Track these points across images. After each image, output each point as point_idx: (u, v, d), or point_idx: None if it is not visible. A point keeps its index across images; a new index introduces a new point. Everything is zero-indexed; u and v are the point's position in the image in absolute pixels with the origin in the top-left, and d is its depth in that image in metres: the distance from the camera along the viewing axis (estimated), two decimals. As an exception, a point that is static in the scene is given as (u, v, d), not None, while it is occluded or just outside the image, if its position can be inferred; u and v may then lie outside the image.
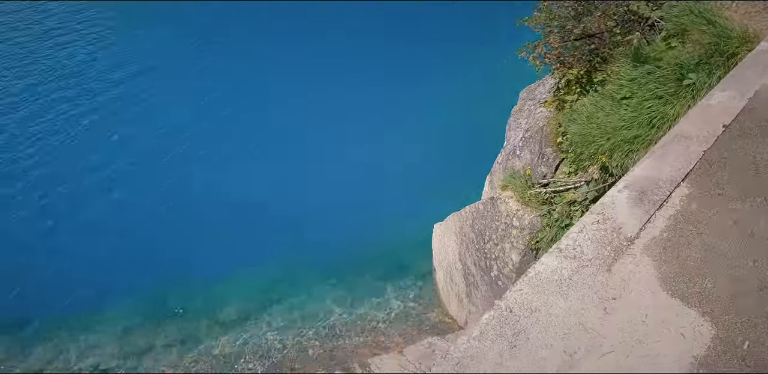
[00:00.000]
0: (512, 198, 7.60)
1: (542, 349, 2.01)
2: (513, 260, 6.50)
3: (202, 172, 13.07)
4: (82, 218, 12.07)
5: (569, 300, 2.22)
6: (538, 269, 2.52)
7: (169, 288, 10.64)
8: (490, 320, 2.26)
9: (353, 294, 10.08)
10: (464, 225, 8.56)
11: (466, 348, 2.13)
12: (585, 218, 2.84)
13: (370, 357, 7.57)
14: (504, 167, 9.06)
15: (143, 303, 10.46)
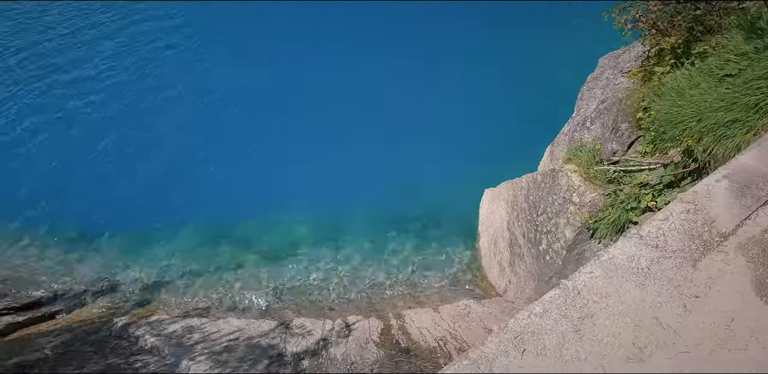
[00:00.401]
0: (575, 173, 7.21)
1: (609, 337, 1.95)
2: (566, 237, 6.31)
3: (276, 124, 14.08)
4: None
5: (645, 291, 2.11)
6: (613, 253, 2.39)
7: (232, 221, 11.85)
8: (555, 299, 2.20)
9: (397, 249, 10.40)
10: (518, 194, 8.32)
11: (526, 323, 2.11)
12: (673, 206, 2.62)
13: (406, 309, 7.88)
14: (570, 138, 8.54)
15: (206, 229, 11.73)
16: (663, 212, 2.61)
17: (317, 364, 6.61)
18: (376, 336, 7.09)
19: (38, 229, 12.03)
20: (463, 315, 7.20)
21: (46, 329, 9.19)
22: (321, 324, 8.05)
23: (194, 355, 7.50)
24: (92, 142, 14.01)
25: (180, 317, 9.22)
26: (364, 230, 11.02)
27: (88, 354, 7.91)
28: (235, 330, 8.43)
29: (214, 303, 9.83)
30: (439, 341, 6.53)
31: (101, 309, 9.99)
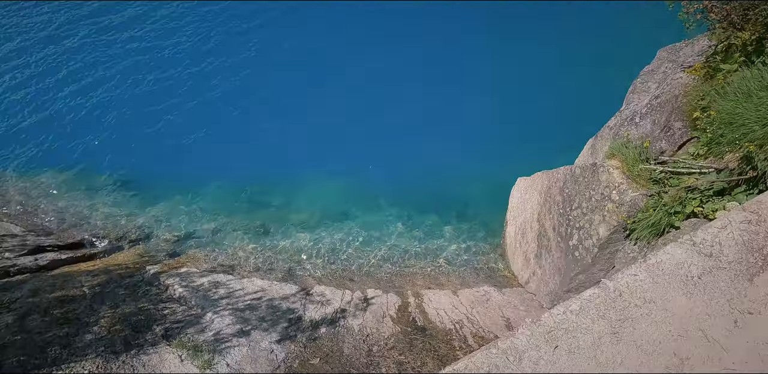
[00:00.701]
0: (618, 169, 6.94)
1: (649, 345, 1.90)
2: (599, 235, 6.14)
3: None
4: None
5: (693, 300, 2.03)
6: (661, 258, 2.30)
7: (267, 186, 12.31)
8: (594, 298, 2.16)
9: (423, 229, 10.47)
10: (552, 186, 8.10)
11: (561, 319, 2.08)
12: (733, 215, 2.47)
13: (425, 289, 7.97)
14: (615, 133, 8.18)
15: (241, 190, 12.23)
16: (721, 220, 2.48)
17: (334, 332, 6.83)
18: (393, 311, 7.23)
19: (88, 176, 12.82)
20: (481, 301, 7.23)
21: (85, 268, 9.79)
22: (340, 294, 8.26)
23: (219, 309, 7.87)
24: (149, 101, 14.67)
25: (207, 271, 9.63)
26: (392, 208, 11.15)
27: (121, 296, 8.40)
28: (258, 289, 8.76)
29: (240, 261, 10.22)
30: (456, 324, 6.61)
31: (136, 256, 10.57)
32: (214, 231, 11.24)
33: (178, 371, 6.04)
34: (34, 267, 9.46)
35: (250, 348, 6.54)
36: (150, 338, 7.01)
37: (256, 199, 11.96)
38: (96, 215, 11.74)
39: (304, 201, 11.71)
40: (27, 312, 7.37)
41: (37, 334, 6.80)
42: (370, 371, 5.66)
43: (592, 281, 6.17)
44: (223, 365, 6.13)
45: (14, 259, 9.67)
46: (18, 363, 5.97)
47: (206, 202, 12.00)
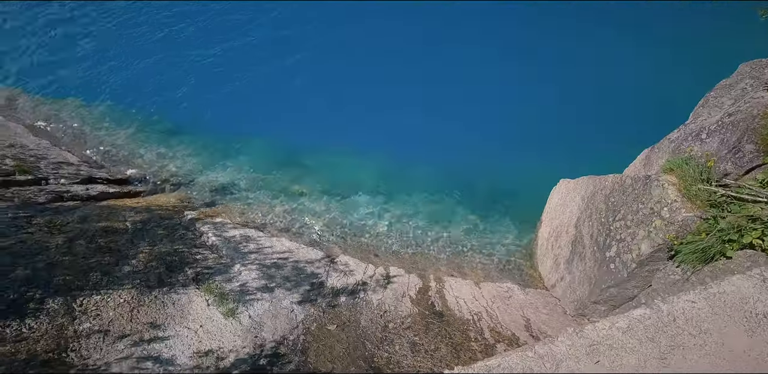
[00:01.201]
0: (673, 186, 6.62)
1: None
2: (640, 251, 5.94)
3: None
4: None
5: (754, 340, 1.95)
6: (725, 288, 2.21)
7: (309, 150, 12.60)
8: (644, 318, 2.11)
9: (456, 216, 10.44)
10: (598, 193, 7.84)
11: (606, 335, 2.05)
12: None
13: (448, 275, 8.02)
14: (676, 147, 7.76)
15: (283, 151, 12.59)
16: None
17: (353, 303, 7.02)
18: (413, 292, 7.34)
19: (144, 120, 13.49)
20: (503, 298, 7.22)
21: (129, 204, 10.33)
22: (364, 266, 8.42)
23: (247, 262, 8.20)
24: (218, 63, 15.23)
25: (240, 225, 9.99)
26: (427, 191, 11.14)
27: (159, 235, 8.86)
28: (285, 250, 9.05)
29: (272, 220, 10.54)
30: (474, 315, 6.66)
31: (176, 200, 11.06)
32: (252, 188, 11.60)
33: (204, 314, 6.40)
34: (85, 196, 10.08)
35: (272, 305, 6.83)
36: (182, 279, 7.42)
37: (297, 163, 12.22)
38: (145, 156, 12.32)
39: (341, 172, 11.86)
40: (75, 237, 7.89)
41: (83, 258, 7.30)
42: (384, 346, 5.83)
43: (624, 296, 6.03)
44: (246, 316, 6.44)
45: (68, 186, 10.33)
46: (63, 282, 6.46)
47: (249, 159, 12.36)
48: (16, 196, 8.98)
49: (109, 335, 5.58)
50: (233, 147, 12.58)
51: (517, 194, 11.05)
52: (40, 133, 12.97)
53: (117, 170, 11.92)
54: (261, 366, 5.36)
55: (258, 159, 12.31)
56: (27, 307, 5.61)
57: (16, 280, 6.11)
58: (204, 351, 5.52)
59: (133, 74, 14.93)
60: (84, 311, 5.92)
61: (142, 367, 5.06)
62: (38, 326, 5.36)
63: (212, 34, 16.01)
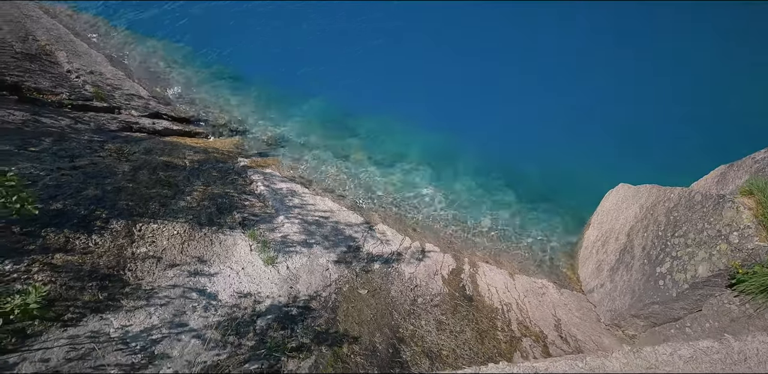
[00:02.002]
0: (750, 210, 6.16)
1: (771, 422, 1.77)
2: (697, 273, 5.64)
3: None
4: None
5: (843, 397, 1.83)
6: (814, 339, 2.05)
7: (364, 115, 12.64)
8: (711, 351, 2.01)
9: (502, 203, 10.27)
10: (659, 204, 7.42)
11: (665, 360, 1.97)
12: None
13: (483, 261, 7.99)
14: (761, 168, 7.16)
15: (339, 114, 12.69)
16: None
17: (386, 272, 7.16)
18: (446, 272, 7.39)
19: (218, 64, 13.96)
20: (537, 294, 7.15)
21: (189, 143, 10.76)
22: (400, 238, 8.51)
23: (290, 216, 8.47)
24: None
25: (288, 179, 10.24)
26: (478, 174, 10.95)
27: (213, 177, 9.23)
28: (327, 210, 9.25)
29: (318, 179, 10.74)
30: (504, 305, 6.66)
31: (232, 146, 11.42)
32: (304, 144, 11.79)
33: (246, 258, 6.73)
34: (151, 130, 10.58)
35: (310, 260, 7.07)
36: (229, 221, 7.77)
37: (351, 128, 12.33)
38: (210, 100, 12.70)
39: (393, 142, 11.83)
40: (139, 166, 8.35)
41: (144, 187, 7.75)
42: (411, 319, 5.97)
43: (668, 316, 5.82)
44: (284, 266, 6.71)
45: (137, 117, 10.85)
46: (127, 207, 6.91)
47: (307, 118, 12.56)
48: (92, 121, 9.53)
49: (161, 262, 5.98)
50: (294, 104, 12.81)
51: (569, 191, 10.67)
52: (118, 64, 13.54)
53: (182, 109, 12.37)
54: (292, 316, 5.63)
55: (315, 119, 12.45)
56: (94, 224, 6.07)
57: (87, 198, 6.59)
58: (244, 292, 5.85)
59: (215, 26, 15.37)
60: (142, 236, 6.34)
61: (189, 297, 5.43)
62: (102, 242, 5.80)
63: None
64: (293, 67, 13.89)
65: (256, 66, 13.89)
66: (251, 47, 14.54)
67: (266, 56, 14.23)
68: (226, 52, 14.30)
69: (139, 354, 4.27)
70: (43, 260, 4.91)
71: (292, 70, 13.79)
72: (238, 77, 13.55)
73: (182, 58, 14.22)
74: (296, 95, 12.99)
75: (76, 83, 11.18)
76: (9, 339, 3.84)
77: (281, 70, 13.79)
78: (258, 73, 13.61)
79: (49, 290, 4.51)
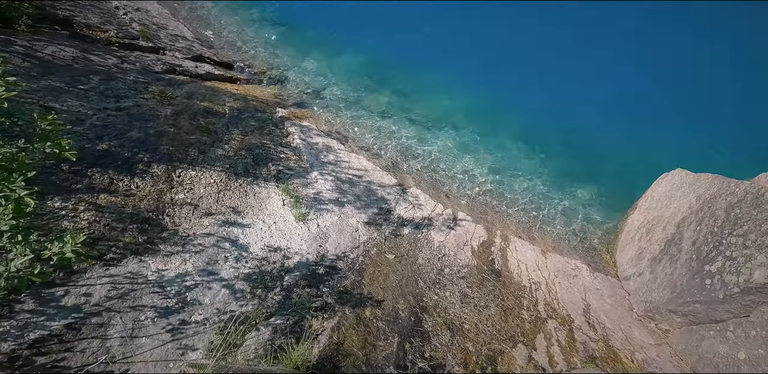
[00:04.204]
0: (826, 214, 5.58)
1: None
2: (751, 276, 5.25)
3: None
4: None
5: None
6: None
7: (409, 74, 12.08)
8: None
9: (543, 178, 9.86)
10: (719, 197, 6.84)
11: None
12: None
13: (515, 236, 7.77)
14: None
15: (383, 70, 12.19)
16: None
17: (415, 238, 7.09)
18: (476, 243, 7.24)
19: (263, 10, 13.46)
20: (568, 275, 6.94)
21: (230, 89, 10.64)
22: (433, 204, 8.35)
23: (324, 172, 8.40)
24: None
25: (324, 133, 10.08)
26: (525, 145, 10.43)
27: (251, 127, 9.17)
28: (362, 168, 9.12)
29: (355, 136, 10.53)
30: (533, 284, 6.52)
31: (271, 95, 11.24)
32: (343, 99, 11.47)
33: (279, 213, 6.79)
34: (194, 73, 10.47)
35: (340, 220, 7.06)
36: (264, 173, 7.78)
37: (393, 85, 11.86)
38: (252, 46, 12.37)
39: (438, 104, 11.33)
40: (181, 111, 8.35)
41: (185, 133, 7.79)
42: (436, 289, 5.95)
43: (709, 317, 5.52)
44: (315, 224, 6.74)
45: (181, 60, 10.72)
46: (167, 152, 6.98)
47: (348, 72, 12.14)
48: (138, 61, 9.48)
49: (197, 210, 6.10)
50: (337, 56, 12.34)
51: (619, 170, 10.07)
52: (163, 2, 13.22)
53: (224, 53, 12.12)
54: (319, 274, 5.71)
55: (357, 73, 12.00)
56: (137, 167, 6.19)
57: (131, 140, 6.68)
58: (274, 246, 5.93)
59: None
60: (180, 182, 6.44)
61: (222, 246, 5.56)
62: (143, 186, 5.93)
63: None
64: (339, 18, 13.28)
65: (302, 15, 13.36)
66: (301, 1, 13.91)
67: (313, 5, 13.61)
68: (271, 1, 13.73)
69: (173, 298, 4.45)
70: (88, 199, 5.07)
71: (337, 22, 13.18)
72: (283, 24, 13.06)
73: (231, 2, 13.75)
74: (340, 47, 12.47)
75: (123, 20, 11.05)
76: (57, 274, 4.05)
77: (327, 21, 13.22)
78: (304, 22, 13.07)
79: (92, 230, 4.67)
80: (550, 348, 5.30)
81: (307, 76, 11.99)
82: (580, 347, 5.47)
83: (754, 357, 4.69)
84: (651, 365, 5.21)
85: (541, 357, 5.16)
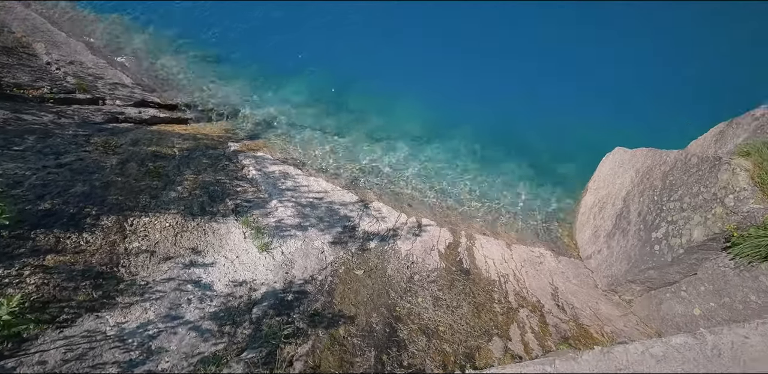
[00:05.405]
0: (746, 172, 5.99)
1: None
2: (692, 237, 5.57)
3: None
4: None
5: (814, 383, 1.77)
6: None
7: (355, 94, 12.31)
8: (684, 349, 1.94)
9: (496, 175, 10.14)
10: (655, 168, 7.25)
11: (637, 359, 1.92)
12: None
13: (480, 234, 7.96)
14: (760, 126, 6.92)
15: (328, 92, 12.40)
16: None
17: (382, 251, 7.17)
18: (442, 246, 7.38)
19: (200, 46, 13.53)
20: (534, 263, 7.15)
21: (178, 130, 10.60)
22: (396, 215, 8.47)
23: (284, 199, 8.42)
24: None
25: (280, 161, 10.12)
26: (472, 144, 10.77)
27: (204, 164, 9.14)
28: (321, 190, 9.19)
29: (310, 159, 10.61)
30: (501, 277, 6.68)
31: (221, 130, 11.25)
32: (295, 125, 11.58)
33: (240, 246, 6.76)
34: (138, 119, 10.40)
35: (305, 244, 7.09)
36: (222, 209, 7.75)
37: (342, 105, 12.08)
38: (196, 84, 12.39)
39: (385, 118, 11.60)
40: (128, 159, 8.27)
41: (134, 180, 7.70)
42: (408, 297, 6.03)
43: (664, 280, 5.80)
44: (279, 252, 6.74)
45: (123, 107, 10.65)
46: (116, 202, 6.89)
47: (295, 97, 12.29)
48: (76, 114, 9.38)
49: (155, 255, 6.02)
50: (283, 85, 12.51)
51: (567, 157, 10.49)
52: (99, 52, 13.15)
53: (168, 95, 12.11)
54: (288, 301, 5.71)
55: (305, 99, 12.19)
56: (84, 222, 6.08)
57: (75, 195, 6.57)
58: (239, 280, 5.90)
59: (195, 7, 14.74)
60: (134, 230, 6.36)
61: (184, 289, 5.50)
62: (94, 240, 5.83)
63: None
64: (279, 47, 13.47)
65: (241, 48, 13.49)
66: (234, 29, 14.07)
67: (249, 38, 13.78)
68: (209, 35, 13.84)
69: (136, 350, 4.37)
70: (34, 262, 4.95)
71: (278, 51, 13.36)
72: (225, 60, 13.17)
73: (166, 42, 13.77)
74: (285, 75, 12.66)
75: (56, 75, 10.92)
76: (4, 345, 3.93)
77: (267, 51, 13.38)
78: (244, 55, 13.23)
79: (41, 293, 4.57)
80: (524, 336, 5.44)
81: (256, 107, 12.07)
82: (553, 330, 5.63)
83: (707, 310, 4.96)
84: (620, 336, 5.41)
85: (517, 346, 5.29)
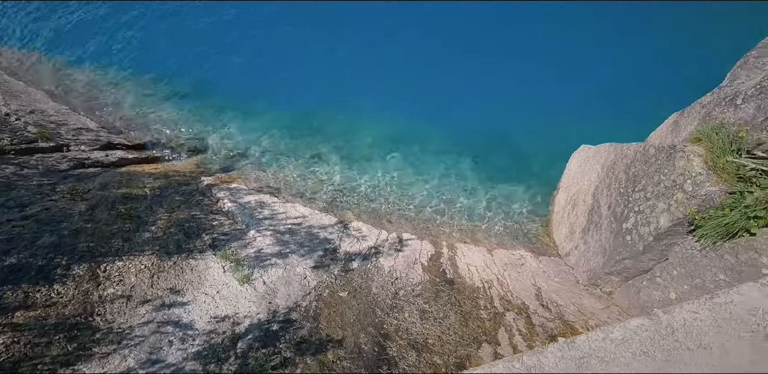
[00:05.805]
0: (700, 157, 6.25)
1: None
2: (658, 224, 5.74)
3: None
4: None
5: (761, 356, 1.84)
6: (732, 298, 2.06)
7: (324, 116, 12.51)
8: (641, 330, 2.01)
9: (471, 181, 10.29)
10: (618, 162, 7.49)
11: (598, 346, 1.97)
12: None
13: (460, 242, 8.02)
14: (707, 113, 7.23)
15: (297, 117, 12.57)
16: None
17: (365, 269, 7.15)
18: (425, 259, 7.40)
19: (162, 85, 13.58)
20: (515, 265, 7.22)
21: (148, 170, 10.51)
22: (377, 232, 8.49)
23: (261, 228, 8.37)
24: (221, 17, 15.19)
25: (255, 190, 10.09)
26: (444, 155, 10.95)
27: (177, 202, 9.05)
28: (299, 215, 9.17)
29: (286, 185, 10.60)
30: (485, 283, 6.71)
31: (193, 166, 11.19)
32: (267, 153, 11.60)
33: (220, 280, 6.66)
34: (105, 162, 10.29)
35: (286, 271, 7.03)
36: (199, 245, 7.65)
37: (311, 128, 12.21)
38: (162, 122, 12.36)
39: (355, 137, 11.75)
40: (97, 204, 8.14)
41: (105, 225, 7.57)
42: (394, 313, 5.99)
43: (639, 269, 5.93)
44: (260, 282, 6.66)
45: (89, 152, 10.52)
46: (87, 249, 6.75)
47: (264, 124, 12.35)
48: (39, 163, 9.23)
49: (131, 300, 5.89)
50: (251, 114, 12.62)
51: (536, 159, 10.75)
52: (60, 98, 13.06)
53: (135, 135, 12.03)
54: (273, 331, 5.61)
55: (272, 125, 12.28)
56: (54, 273, 5.93)
57: (43, 247, 6.42)
58: (221, 316, 5.80)
59: (149, 42, 14.91)
60: (108, 277, 6.22)
61: (163, 331, 5.37)
62: (65, 291, 5.68)
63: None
64: (243, 76, 13.56)
65: (202, 79, 13.57)
66: (193, 62, 14.13)
67: (210, 68, 13.88)
68: (170, 70, 13.87)
69: (116, 400, 4.23)
70: (2, 321, 4.79)
71: (243, 80, 13.45)
72: (188, 94, 13.19)
73: (127, 81, 13.76)
74: (252, 104, 12.75)
75: (16, 126, 10.77)
76: (-26, 412, 3.76)
77: (230, 81, 13.47)
78: (206, 86, 13.29)
79: (11, 353, 4.41)
80: (512, 339, 5.45)
81: (227, 139, 12.06)
82: (540, 330, 5.66)
83: (682, 293, 5.08)
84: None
85: (506, 350, 5.29)
